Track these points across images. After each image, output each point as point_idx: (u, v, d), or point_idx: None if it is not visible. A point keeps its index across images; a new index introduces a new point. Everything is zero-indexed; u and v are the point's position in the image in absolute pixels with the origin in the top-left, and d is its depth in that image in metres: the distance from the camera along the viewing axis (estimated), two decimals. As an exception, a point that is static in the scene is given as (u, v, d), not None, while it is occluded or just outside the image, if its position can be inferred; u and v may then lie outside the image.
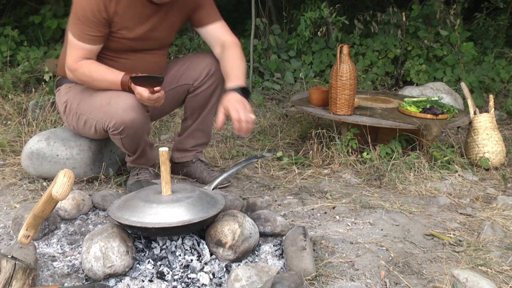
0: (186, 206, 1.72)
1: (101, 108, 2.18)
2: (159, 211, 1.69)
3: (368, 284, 1.72)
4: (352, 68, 2.90)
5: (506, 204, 2.39)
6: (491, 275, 1.79)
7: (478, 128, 2.98)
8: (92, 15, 2.10)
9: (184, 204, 1.72)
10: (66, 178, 1.40)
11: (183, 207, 1.71)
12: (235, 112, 1.99)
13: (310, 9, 5.01)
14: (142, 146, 2.35)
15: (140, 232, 1.73)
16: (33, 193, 2.42)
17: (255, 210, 2.17)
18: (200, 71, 2.44)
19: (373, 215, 2.25)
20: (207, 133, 2.65)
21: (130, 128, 2.17)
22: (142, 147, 2.36)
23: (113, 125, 2.16)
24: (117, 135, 2.21)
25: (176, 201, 1.74)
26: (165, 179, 1.77)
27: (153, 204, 1.72)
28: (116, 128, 2.17)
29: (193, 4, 2.35)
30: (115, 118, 2.14)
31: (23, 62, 4.67)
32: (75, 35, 2.16)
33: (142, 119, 2.19)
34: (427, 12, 5.20)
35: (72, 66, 2.19)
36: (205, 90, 2.46)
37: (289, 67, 5.15)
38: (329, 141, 3.02)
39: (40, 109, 3.55)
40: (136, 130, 2.20)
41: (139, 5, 2.19)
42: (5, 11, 6.18)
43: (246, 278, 1.52)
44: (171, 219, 1.67)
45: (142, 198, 1.77)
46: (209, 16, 2.38)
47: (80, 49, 2.17)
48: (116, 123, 2.15)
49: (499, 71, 4.80)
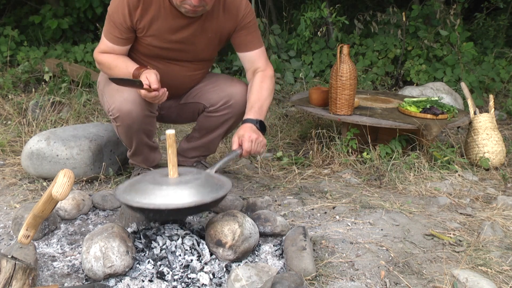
0: (196, 187, 1.67)
1: (111, 92, 2.25)
2: (170, 193, 1.64)
3: (368, 284, 1.72)
4: (352, 68, 2.90)
5: (506, 204, 2.39)
6: (491, 275, 1.79)
7: (478, 128, 2.98)
8: (117, 17, 2.17)
9: (193, 186, 1.67)
10: (66, 178, 1.40)
11: (193, 189, 1.66)
12: (249, 143, 2.04)
13: (310, 9, 5.01)
14: (137, 142, 2.35)
15: (151, 214, 1.69)
16: (33, 193, 2.42)
17: (255, 210, 2.18)
18: (219, 98, 2.41)
19: (373, 215, 2.25)
20: (211, 150, 2.66)
21: (124, 118, 2.20)
22: (137, 144, 2.36)
23: (111, 110, 2.22)
24: (113, 121, 2.26)
25: (185, 183, 1.69)
26: (172, 162, 1.71)
27: (163, 186, 1.66)
28: (112, 114, 2.22)
29: (235, 24, 2.31)
30: (114, 104, 2.20)
31: (23, 62, 4.67)
32: (104, 31, 2.26)
33: (140, 114, 2.20)
34: (427, 12, 5.20)
35: (95, 56, 2.31)
36: (218, 117, 2.44)
37: (289, 67, 5.15)
38: (329, 141, 3.02)
39: (40, 109, 3.55)
40: (131, 123, 2.22)
41: (169, 16, 2.20)
42: (5, 11, 6.18)
43: (246, 278, 1.52)
44: (183, 200, 1.62)
45: (150, 181, 1.71)
46: (251, 42, 2.35)
47: (104, 44, 2.26)
48: (114, 109, 2.20)
49: (499, 71, 4.80)
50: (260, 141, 2.08)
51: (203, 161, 2.67)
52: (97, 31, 5.43)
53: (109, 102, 2.23)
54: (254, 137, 2.05)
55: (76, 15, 5.75)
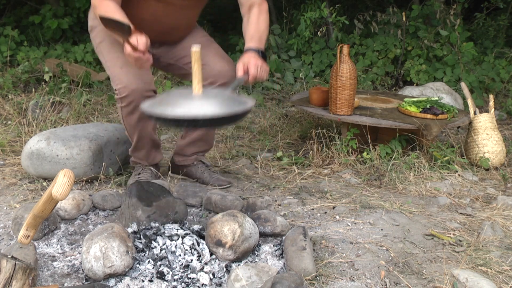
0: (225, 100, 1.63)
1: (114, 63, 2.28)
2: (204, 103, 1.58)
3: (368, 284, 1.72)
4: (352, 68, 2.90)
5: (506, 204, 2.39)
6: (491, 275, 1.79)
7: (478, 128, 2.98)
8: None
9: (222, 99, 1.64)
10: (66, 178, 1.40)
11: (223, 101, 1.62)
12: (255, 68, 2.04)
13: (310, 9, 5.01)
14: (140, 130, 2.38)
15: (186, 124, 1.68)
16: (33, 193, 2.42)
17: (255, 210, 2.18)
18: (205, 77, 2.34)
19: (373, 215, 2.25)
20: (210, 142, 2.66)
21: (131, 98, 2.23)
22: (140, 133, 2.39)
23: (119, 89, 2.25)
24: (119, 101, 2.28)
25: (213, 97, 1.64)
26: (197, 77, 1.63)
27: (194, 99, 1.61)
28: (119, 93, 2.25)
29: None
30: (122, 82, 2.23)
31: (23, 62, 4.67)
32: None
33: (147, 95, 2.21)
34: (427, 12, 5.20)
35: (95, 2, 2.20)
36: None
37: (289, 67, 5.15)
38: (329, 141, 3.02)
39: (40, 109, 3.55)
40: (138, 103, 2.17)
41: None
42: (5, 11, 6.18)
43: (246, 278, 1.52)
44: (217, 111, 1.55)
45: (178, 95, 1.65)
46: None
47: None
48: (121, 88, 2.23)
49: (499, 71, 4.79)
50: (264, 68, 2.09)
51: (203, 159, 2.67)
52: (97, 31, 5.43)
53: (116, 78, 2.25)
54: (259, 63, 2.06)
55: (76, 15, 5.76)
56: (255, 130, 3.64)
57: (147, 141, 2.44)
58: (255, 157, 3.03)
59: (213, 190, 2.38)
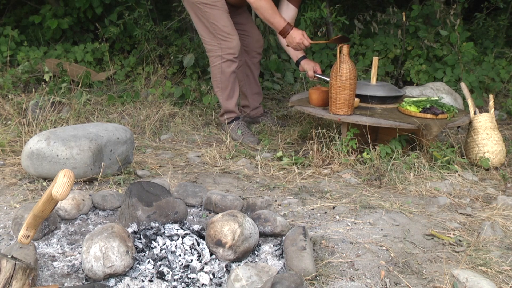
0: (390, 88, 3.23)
1: (221, 29, 3.23)
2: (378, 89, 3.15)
3: (368, 284, 1.72)
4: (352, 68, 2.90)
5: (506, 204, 2.39)
6: (491, 275, 1.79)
7: (478, 128, 2.98)
8: None
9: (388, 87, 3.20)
10: (66, 178, 1.40)
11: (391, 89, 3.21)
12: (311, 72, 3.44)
13: (310, 9, 5.00)
14: (233, 83, 3.34)
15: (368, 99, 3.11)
16: (33, 193, 2.42)
17: (255, 210, 2.18)
18: (252, 45, 3.60)
19: (373, 215, 2.25)
20: (260, 91, 3.77)
21: (235, 62, 3.30)
22: (232, 85, 3.34)
23: (226, 52, 3.24)
24: (223, 63, 3.28)
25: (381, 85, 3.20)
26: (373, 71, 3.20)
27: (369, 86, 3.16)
28: (224, 57, 3.26)
29: None
30: (231, 48, 3.24)
31: (23, 62, 4.67)
32: None
33: None
34: (427, 12, 5.19)
35: None
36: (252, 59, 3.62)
37: (289, 67, 5.15)
38: (329, 141, 3.02)
39: (40, 109, 3.55)
40: (239, 64, 3.41)
41: None
42: (5, 11, 6.18)
43: (246, 278, 1.52)
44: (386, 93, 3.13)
45: (361, 83, 3.22)
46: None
47: None
48: (230, 53, 3.26)
49: (499, 71, 4.79)
50: None
51: (266, 110, 3.82)
52: (97, 31, 5.43)
53: (222, 43, 3.22)
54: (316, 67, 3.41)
55: (76, 15, 5.75)
56: (255, 130, 3.64)
57: (237, 88, 3.38)
58: (255, 157, 3.03)
59: (213, 190, 2.38)
